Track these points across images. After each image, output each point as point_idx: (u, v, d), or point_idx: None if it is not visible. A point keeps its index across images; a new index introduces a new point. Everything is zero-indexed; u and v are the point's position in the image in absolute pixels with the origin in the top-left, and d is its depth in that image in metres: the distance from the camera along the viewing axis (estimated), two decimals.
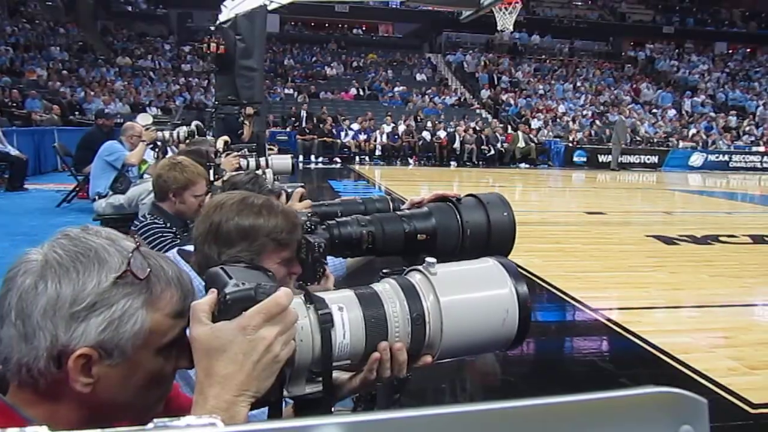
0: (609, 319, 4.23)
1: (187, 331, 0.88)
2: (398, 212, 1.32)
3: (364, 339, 0.89)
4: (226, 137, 5.93)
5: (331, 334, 0.86)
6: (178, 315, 0.89)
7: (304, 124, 20.05)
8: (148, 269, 0.86)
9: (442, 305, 0.91)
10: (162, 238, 2.85)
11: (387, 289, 0.93)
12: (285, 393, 0.88)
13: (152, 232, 2.88)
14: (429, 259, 0.94)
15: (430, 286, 0.92)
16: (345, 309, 0.88)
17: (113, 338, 0.83)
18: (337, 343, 0.87)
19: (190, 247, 1.62)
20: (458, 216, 1.27)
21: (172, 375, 0.94)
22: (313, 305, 0.86)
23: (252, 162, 4.15)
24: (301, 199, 2.08)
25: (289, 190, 2.18)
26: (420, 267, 0.95)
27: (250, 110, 10.22)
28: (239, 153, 4.26)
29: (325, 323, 0.85)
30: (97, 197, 6.18)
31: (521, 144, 19.76)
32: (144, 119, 6.82)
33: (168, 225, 3.00)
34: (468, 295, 0.93)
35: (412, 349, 0.93)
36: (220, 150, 4.85)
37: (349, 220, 1.28)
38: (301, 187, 2.20)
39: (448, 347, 0.93)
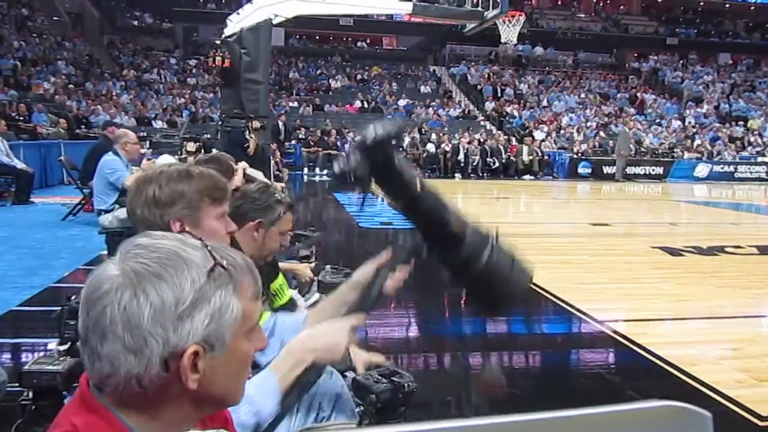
0: (615, 331, 4.21)
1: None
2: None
3: None
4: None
5: None
6: (256, 297, 0.95)
7: (282, 136, 20.05)
8: (225, 260, 0.91)
9: None
10: None
11: None
12: None
13: None
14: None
15: None
16: None
17: (216, 330, 0.87)
18: None
19: None
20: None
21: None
22: None
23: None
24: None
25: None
26: None
27: (256, 124, 10.25)
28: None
29: None
30: (102, 213, 6.20)
31: (525, 157, 19.78)
32: (165, 159, 6.74)
33: None
34: None
35: None
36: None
37: None
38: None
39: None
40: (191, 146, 6.42)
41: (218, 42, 11.92)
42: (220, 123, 10.34)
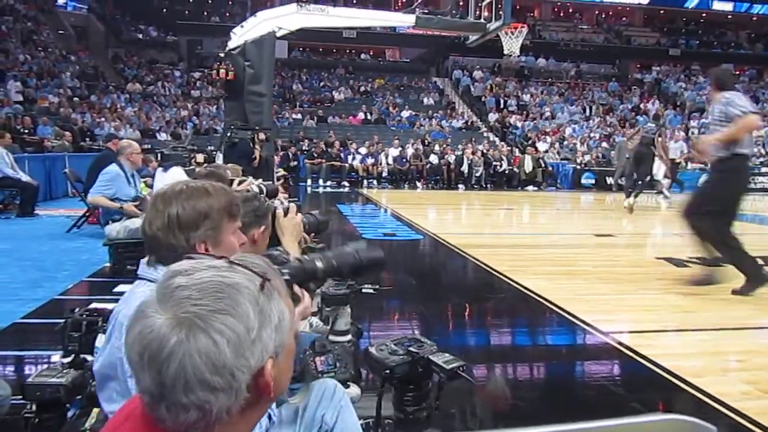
0: (620, 343, 4.19)
1: None
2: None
3: None
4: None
5: None
6: (287, 291, 1.00)
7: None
8: (260, 270, 0.94)
9: None
10: None
11: None
12: None
13: None
14: None
15: None
16: None
17: (280, 338, 0.93)
18: None
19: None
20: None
21: None
22: None
23: None
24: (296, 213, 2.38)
25: (286, 204, 2.42)
26: None
27: (262, 136, 10.30)
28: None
29: None
30: (111, 221, 6.19)
31: (528, 167, 19.80)
32: (177, 172, 6.72)
33: None
34: None
35: None
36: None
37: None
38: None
39: None
40: (200, 158, 6.55)
41: (222, 55, 12.00)
42: (228, 135, 10.36)
